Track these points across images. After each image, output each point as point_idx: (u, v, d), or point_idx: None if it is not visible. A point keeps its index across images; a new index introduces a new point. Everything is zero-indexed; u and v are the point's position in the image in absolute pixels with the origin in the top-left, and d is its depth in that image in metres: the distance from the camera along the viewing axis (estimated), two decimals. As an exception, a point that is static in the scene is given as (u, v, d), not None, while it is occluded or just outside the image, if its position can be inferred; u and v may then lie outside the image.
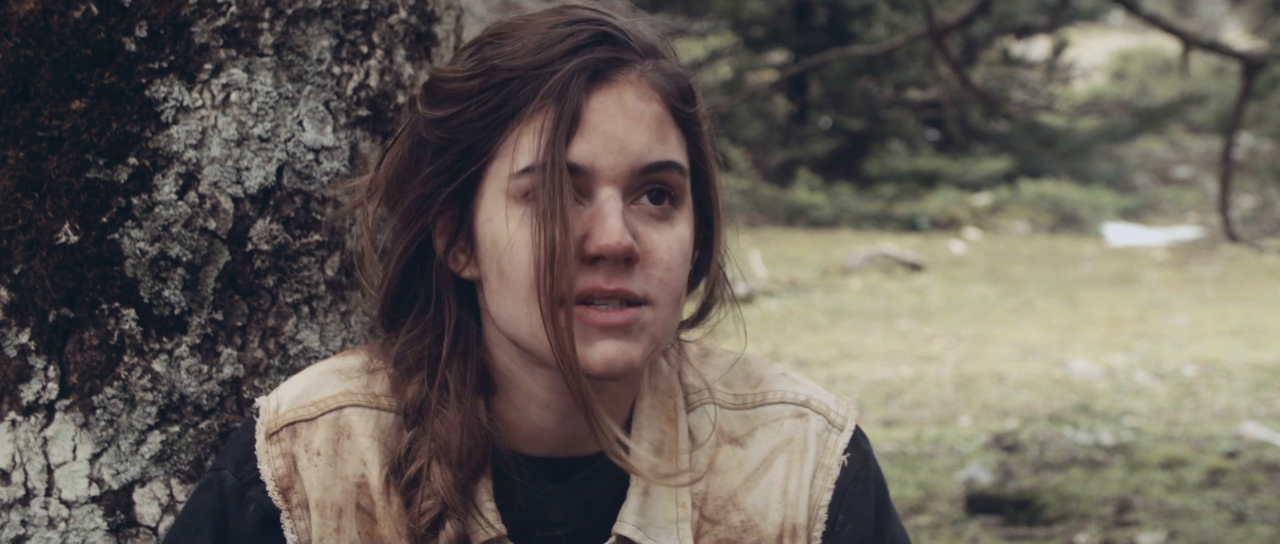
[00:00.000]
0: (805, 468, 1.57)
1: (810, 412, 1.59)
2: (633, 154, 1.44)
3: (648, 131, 1.45)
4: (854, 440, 1.60)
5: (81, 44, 1.68)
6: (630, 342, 1.43)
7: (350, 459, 1.52)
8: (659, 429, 1.54)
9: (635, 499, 1.52)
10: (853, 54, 12.12)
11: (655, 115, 1.46)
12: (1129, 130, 21.67)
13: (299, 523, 1.52)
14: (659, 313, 1.45)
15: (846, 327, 12.13)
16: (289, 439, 1.53)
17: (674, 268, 1.45)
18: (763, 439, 1.58)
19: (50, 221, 1.68)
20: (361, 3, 1.79)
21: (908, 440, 7.82)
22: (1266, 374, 9.68)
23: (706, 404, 1.58)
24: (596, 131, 1.43)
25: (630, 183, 1.44)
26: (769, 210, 19.10)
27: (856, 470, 1.59)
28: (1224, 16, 26.82)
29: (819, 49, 19.10)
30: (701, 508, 1.55)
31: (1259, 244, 9.81)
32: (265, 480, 1.52)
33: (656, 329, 1.45)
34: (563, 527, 1.53)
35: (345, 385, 1.55)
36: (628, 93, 1.45)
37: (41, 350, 1.69)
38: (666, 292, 1.45)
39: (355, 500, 1.52)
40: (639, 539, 1.52)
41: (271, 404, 1.55)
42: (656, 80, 1.47)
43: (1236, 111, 7.17)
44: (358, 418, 1.53)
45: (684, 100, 1.48)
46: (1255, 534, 5.93)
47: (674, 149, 1.46)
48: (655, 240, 1.45)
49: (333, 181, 1.78)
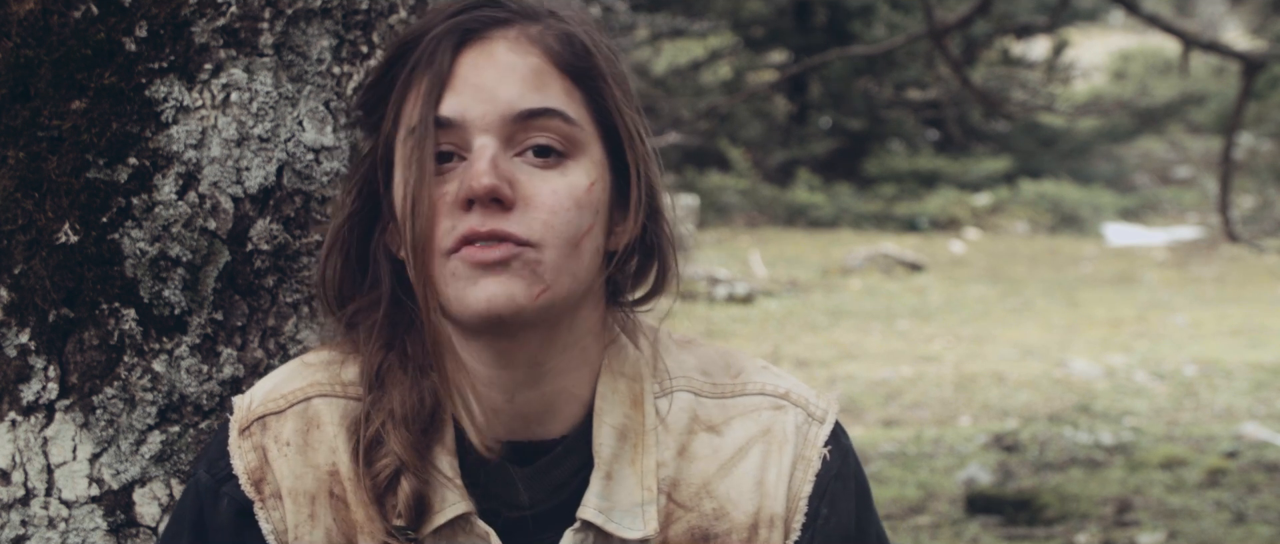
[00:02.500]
0: (784, 459, 1.57)
1: (789, 404, 1.59)
2: (503, 102, 1.46)
3: (521, 82, 1.46)
4: (834, 434, 1.60)
5: (81, 44, 1.68)
6: (512, 278, 1.44)
7: (320, 448, 1.54)
8: (622, 413, 1.54)
9: (598, 483, 1.53)
10: (853, 54, 12.13)
11: (531, 67, 1.47)
12: (1129, 130, 21.67)
13: (273, 512, 1.54)
14: (545, 254, 1.45)
15: (846, 327, 12.12)
16: (259, 432, 1.55)
17: (560, 212, 1.45)
18: (739, 428, 1.57)
19: (50, 221, 1.68)
20: (361, 3, 1.79)
21: (908, 440, 7.82)
22: (1266, 374, 9.68)
23: (681, 391, 1.58)
24: (465, 85, 1.47)
25: (506, 132, 1.46)
26: (769, 210, 19.10)
27: (838, 465, 1.59)
28: (1224, 16, 26.82)
29: (819, 49, 19.10)
30: (671, 493, 1.55)
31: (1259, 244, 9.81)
32: (238, 474, 1.54)
33: (546, 271, 1.45)
34: (530, 508, 1.53)
35: (313, 376, 1.57)
36: (499, 47, 1.48)
37: (41, 350, 1.69)
38: (553, 234, 1.45)
39: (328, 488, 1.53)
40: (601, 523, 1.52)
41: (244, 402, 1.57)
42: (537, 35, 1.49)
43: (1236, 111, 7.17)
44: (326, 407, 1.55)
45: (576, 55, 1.49)
46: (1255, 534, 5.93)
47: (556, 98, 1.47)
48: (538, 187, 1.46)
49: (332, 181, 1.78)
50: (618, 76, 1.52)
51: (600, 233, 1.50)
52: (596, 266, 1.50)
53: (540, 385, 1.53)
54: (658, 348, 1.60)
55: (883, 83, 21.47)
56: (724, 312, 12.65)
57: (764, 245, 16.72)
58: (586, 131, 1.49)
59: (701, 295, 13.01)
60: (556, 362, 1.52)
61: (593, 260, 1.49)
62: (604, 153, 1.51)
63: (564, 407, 1.54)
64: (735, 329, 11.89)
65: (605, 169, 1.50)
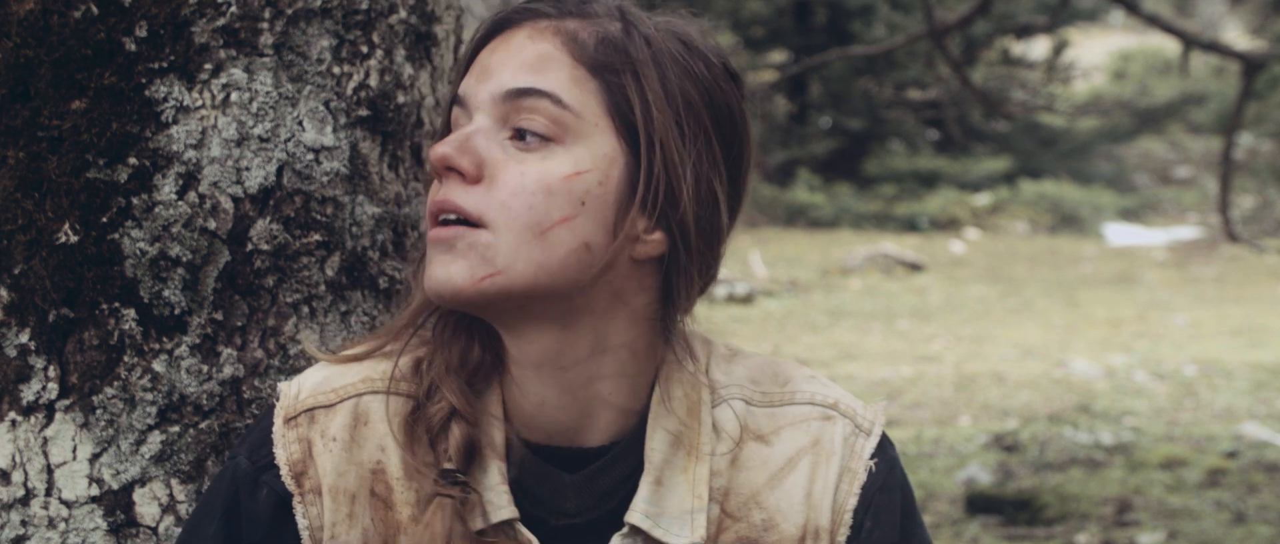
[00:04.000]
0: (831, 471, 1.55)
1: (838, 414, 1.57)
2: (495, 81, 1.46)
3: (521, 64, 1.46)
4: (881, 446, 1.58)
5: (81, 44, 1.68)
6: (454, 257, 1.44)
7: (367, 445, 1.53)
8: (678, 420, 1.53)
9: (647, 489, 1.51)
10: (853, 54, 12.12)
11: (539, 52, 1.46)
12: (1129, 130, 21.68)
13: (311, 508, 1.52)
14: (497, 237, 1.43)
15: (846, 327, 12.12)
16: (306, 424, 1.53)
17: (521, 194, 1.42)
18: (788, 439, 1.56)
19: (50, 221, 1.68)
20: (361, 3, 1.79)
21: (908, 440, 7.82)
22: (1266, 374, 9.68)
23: (733, 399, 1.57)
24: (480, 66, 1.48)
25: (500, 111, 1.46)
26: (769, 210, 19.09)
27: (883, 477, 1.57)
28: (1224, 16, 26.81)
29: (819, 49, 19.10)
30: (723, 503, 1.54)
31: (1259, 244, 9.80)
32: (279, 464, 1.53)
33: (497, 255, 1.43)
34: (578, 516, 1.53)
35: (366, 372, 1.55)
36: (519, 34, 1.48)
37: (41, 350, 1.69)
38: (508, 216, 1.43)
39: (370, 487, 1.52)
40: (649, 528, 1.51)
41: (292, 389, 1.56)
42: (564, 26, 1.47)
43: (1236, 111, 7.17)
44: (377, 404, 1.53)
45: (604, 50, 1.46)
46: (1255, 534, 5.93)
47: (552, 82, 1.44)
48: (508, 168, 1.44)
49: (332, 181, 1.78)
50: (665, 81, 1.46)
51: (593, 227, 1.45)
52: (586, 263, 1.45)
53: (570, 392, 1.51)
54: (712, 358, 1.59)
55: (883, 83, 21.47)
56: (724, 312, 12.65)
57: (764, 245, 16.72)
58: (587, 121, 1.45)
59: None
60: (584, 369, 1.50)
61: (574, 255, 1.44)
62: (622, 149, 1.46)
63: (602, 414, 1.52)
64: (735, 329, 11.89)
65: (618, 166, 1.45)
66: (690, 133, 1.47)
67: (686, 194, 1.46)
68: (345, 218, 1.78)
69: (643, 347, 1.52)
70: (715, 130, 1.49)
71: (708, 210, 1.49)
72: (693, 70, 1.48)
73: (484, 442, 1.51)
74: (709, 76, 1.49)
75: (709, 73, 1.49)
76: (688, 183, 1.46)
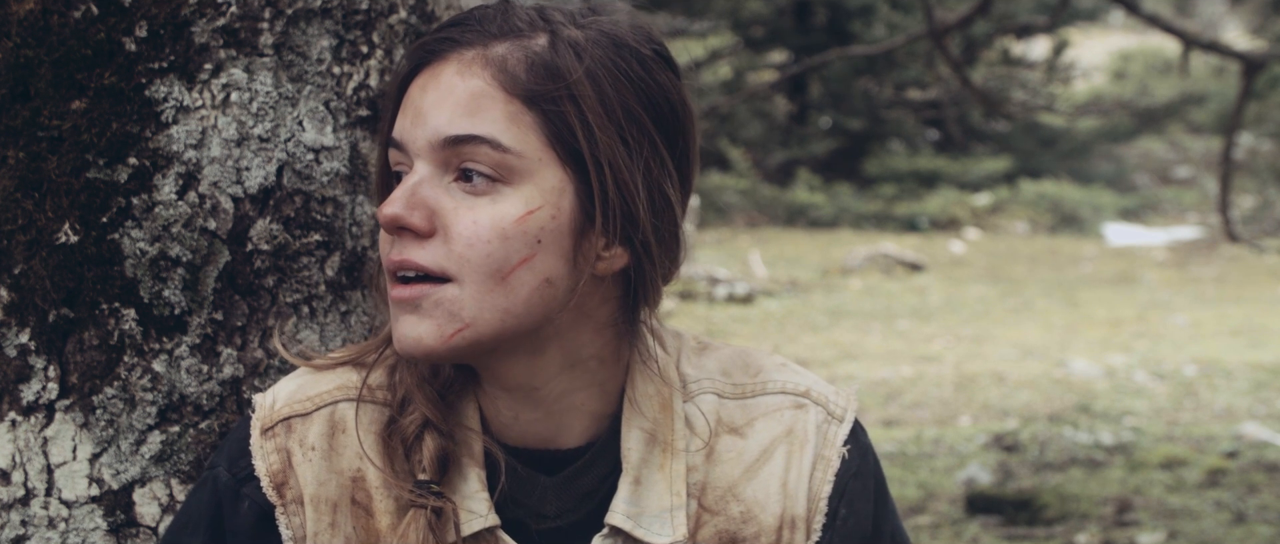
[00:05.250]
0: (805, 459, 1.56)
1: (810, 402, 1.58)
2: (430, 127, 1.42)
3: (454, 106, 1.42)
4: (853, 433, 1.59)
5: (81, 44, 1.68)
6: (421, 317, 1.43)
7: (346, 453, 1.53)
8: (651, 418, 1.53)
9: (626, 489, 1.52)
10: (853, 54, 12.11)
11: (471, 90, 1.42)
12: (1129, 130, 21.68)
13: (293, 519, 1.52)
14: (463, 290, 1.41)
15: (846, 327, 12.12)
16: (284, 434, 1.53)
17: (477, 244, 1.41)
18: (762, 429, 1.56)
19: (50, 221, 1.68)
20: (361, 3, 1.79)
21: (908, 440, 7.82)
22: (1266, 374, 9.68)
23: (705, 393, 1.57)
24: (410, 106, 1.45)
25: (438, 157, 1.43)
26: (769, 210, 19.10)
27: (857, 464, 1.58)
28: (1224, 16, 26.82)
29: (819, 49, 19.10)
30: (700, 498, 1.54)
31: (1259, 244, 9.81)
32: (259, 476, 1.52)
33: (464, 308, 1.42)
34: (558, 518, 1.53)
35: (340, 380, 1.55)
36: (446, 69, 1.44)
37: (41, 350, 1.69)
38: (469, 267, 1.41)
39: (350, 495, 1.52)
40: (630, 529, 1.51)
41: (267, 400, 1.55)
42: (492, 56, 1.43)
43: (1236, 111, 7.17)
44: (352, 412, 1.53)
45: (535, 78, 1.42)
46: (1255, 534, 5.93)
47: (488, 124, 1.41)
48: (460, 216, 1.42)
49: (332, 182, 1.78)
50: (603, 97, 1.44)
51: (552, 261, 1.43)
52: (550, 298, 1.44)
53: (544, 407, 1.51)
54: (682, 353, 1.59)
55: (883, 83, 21.47)
56: (724, 311, 12.65)
57: (764, 245, 16.72)
58: (531, 158, 1.42)
59: (701, 295, 13.01)
60: (556, 386, 1.50)
61: (537, 293, 1.43)
62: (569, 177, 1.43)
63: (576, 423, 1.53)
64: (735, 329, 11.89)
65: (567, 195, 1.43)
66: (635, 143, 1.45)
67: (642, 208, 1.45)
68: (345, 218, 1.79)
69: (610, 353, 1.52)
70: (659, 131, 1.46)
71: (664, 216, 1.47)
72: (629, 73, 1.45)
73: (462, 450, 1.51)
74: (644, 75, 1.46)
75: (643, 69, 1.46)
76: (641, 196, 1.45)
